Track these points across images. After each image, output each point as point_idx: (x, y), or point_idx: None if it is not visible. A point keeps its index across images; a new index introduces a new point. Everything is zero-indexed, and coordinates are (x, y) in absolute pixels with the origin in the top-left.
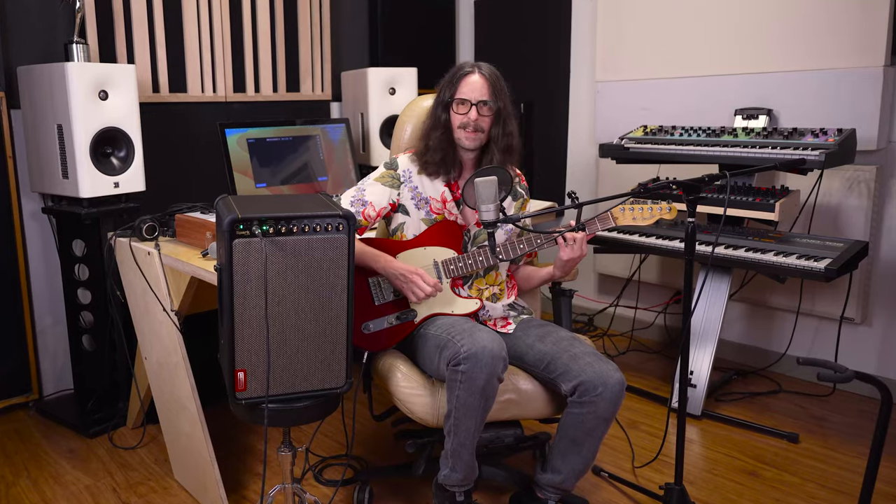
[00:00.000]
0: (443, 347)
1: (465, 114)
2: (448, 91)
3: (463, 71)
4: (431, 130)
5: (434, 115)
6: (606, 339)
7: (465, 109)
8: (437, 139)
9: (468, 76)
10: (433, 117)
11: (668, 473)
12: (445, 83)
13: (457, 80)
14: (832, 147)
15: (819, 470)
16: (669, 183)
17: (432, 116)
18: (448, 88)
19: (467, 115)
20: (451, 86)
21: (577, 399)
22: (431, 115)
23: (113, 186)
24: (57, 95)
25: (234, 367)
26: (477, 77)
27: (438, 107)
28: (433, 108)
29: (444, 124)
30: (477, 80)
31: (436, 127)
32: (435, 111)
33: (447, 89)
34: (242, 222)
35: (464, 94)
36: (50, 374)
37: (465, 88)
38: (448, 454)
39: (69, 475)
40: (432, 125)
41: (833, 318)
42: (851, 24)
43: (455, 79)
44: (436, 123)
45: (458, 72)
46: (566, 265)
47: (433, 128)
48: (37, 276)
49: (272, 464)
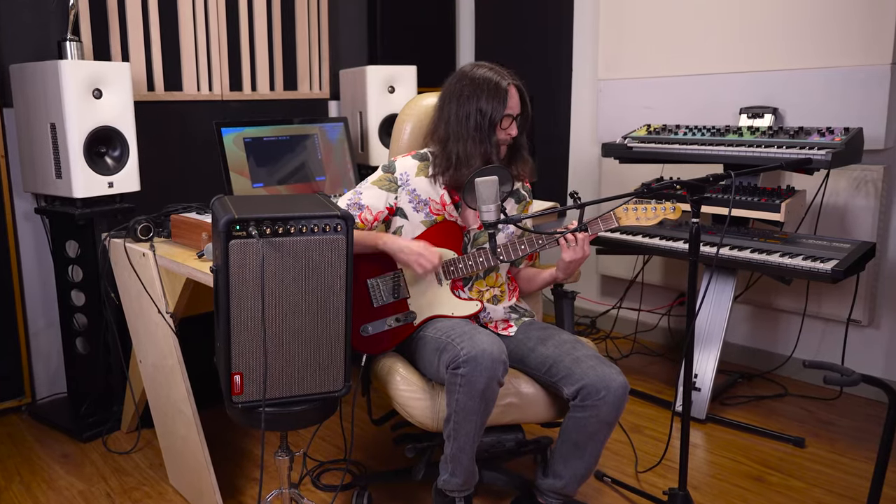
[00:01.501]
0: (442, 350)
1: (507, 129)
2: (497, 107)
3: (504, 84)
4: (470, 144)
5: (472, 128)
6: (609, 342)
7: (508, 124)
8: (480, 156)
9: (510, 90)
10: (471, 130)
11: (671, 478)
12: (486, 96)
13: (503, 96)
14: (839, 146)
15: (826, 475)
16: (673, 183)
17: (468, 128)
18: (494, 103)
19: (509, 131)
20: (499, 101)
21: (579, 403)
22: (465, 126)
23: (107, 186)
24: (50, 94)
25: (231, 370)
26: (514, 90)
27: (482, 122)
28: (465, 117)
29: (495, 141)
30: (515, 93)
31: (478, 141)
32: (471, 123)
33: (494, 105)
34: (239, 223)
35: (511, 108)
36: (43, 377)
37: (510, 103)
38: (448, 459)
39: (63, 480)
40: (473, 139)
41: (840, 321)
42: (858, 22)
43: (501, 94)
44: (479, 138)
45: (498, 84)
46: (568, 266)
47: (476, 141)
48: (30, 277)
49: (269, 468)
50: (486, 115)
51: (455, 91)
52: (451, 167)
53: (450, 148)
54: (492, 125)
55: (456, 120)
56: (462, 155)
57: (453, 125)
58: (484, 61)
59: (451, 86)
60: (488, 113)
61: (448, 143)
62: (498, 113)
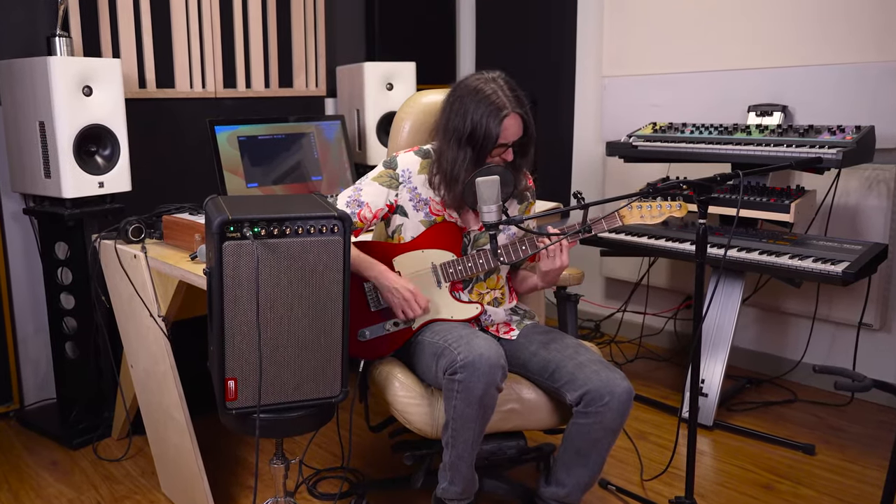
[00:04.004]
0: (439, 355)
1: (501, 154)
2: (488, 133)
3: (502, 114)
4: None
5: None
6: (614, 346)
7: (502, 151)
8: (467, 172)
9: (507, 119)
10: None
11: (678, 487)
12: (481, 119)
13: (498, 123)
14: (850, 145)
15: (836, 483)
16: (680, 183)
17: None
18: (486, 129)
19: (503, 156)
20: (490, 128)
21: (582, 409)
22: (455, 142)
23: (97, 186)
24: (39, 91)
25: (225, 376)
26: (514, 118)
27: (474, 144)
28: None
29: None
30: (515, 121)
31: (465, 161)
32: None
33: (486, 131)
34: (233, 224)
35: (505, 138)
36: (32, 382)
37: (506, 133)
38: (446, 467)
39: (52, 488)
40: (463, 159)
41: (851, 325)
42: (870, 16)
43: (496, 120)
44: (466, 158)
45: (496, 111)
46: (546, 276)
47: (466, 161)
48: (18, 280)
49: (264, 477)
50: (478, 139)
51: (457, 100)
52: (442, 182)
53: (442, 161)
54: (483, 151)
55: (453, 132)
56: (449, 172)
57: (449, 136)
58: (499, 74)
59: (457, 91)
60: (482, 139)
61: (441, 156)
62: (486, 136)
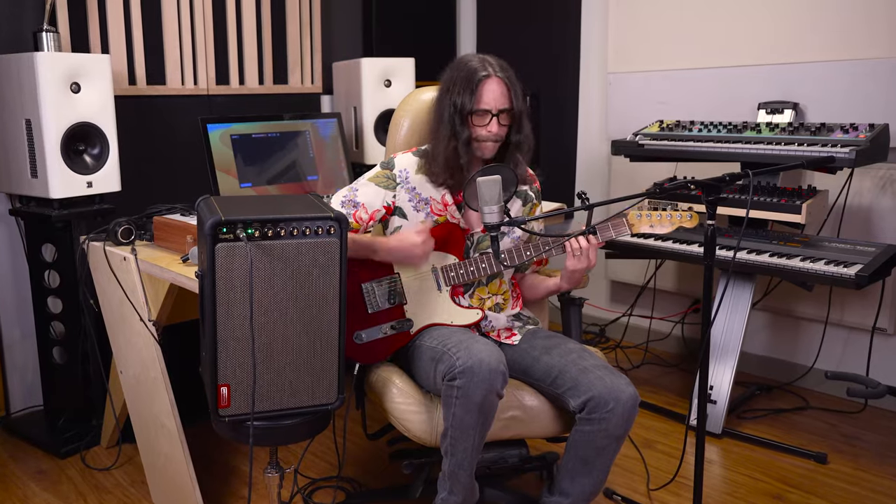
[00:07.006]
0: (438, 360)
1: (485, 125)
2: (466, 99)
3: (479, 75)
4: (443, 140)
5: (445, 122)
6: (619, 352)
7: (485, 121)
8: (453, 150)
9: (486, 81)
10: (444, 124)
11: (685, 496)
12: (459, 87)
13: (475, 86)
14: (863, 144)
15: (849, 492)
16: (687, 182)
17: (441, 122)
18: (464, 95)
19: (489, 129)
20: (469, 93)
21: (586, 416)
22: (440, 120)
23: (86, 186)
24: (25, 88)
25: (217, 382)
26: (495, 81)
27: (454, 116)
28: (441, 111)
29: (465, 138)
30: (496, 85)
31: (449, 137)
32: (445, 116)
33: (464, 97)
34: (226, 225)
35: (485, 103)
36: (18, 389)
37: (486, 97)
38: (445, 476)
39: (38, 498)
40: (445, 135)
41: (864, 329)
42: (884, 11)
43: (472, 85)
44: (450, 133)
45: (473, 76)
46: (572, 276)
47: (447, 137)
48: (3, 283)
49: (258, 486)
50: (457, 107)
51: (443, 82)
52: (432, 162)
53: (431, 142)
54: (463, 119)
55: (436, 112)
56: (432, 151)
57: (433, 118)
58: (489, 55)
59: (443, 75)
60: (460, 105)
61: (435, 142)
62: (463, 102)
